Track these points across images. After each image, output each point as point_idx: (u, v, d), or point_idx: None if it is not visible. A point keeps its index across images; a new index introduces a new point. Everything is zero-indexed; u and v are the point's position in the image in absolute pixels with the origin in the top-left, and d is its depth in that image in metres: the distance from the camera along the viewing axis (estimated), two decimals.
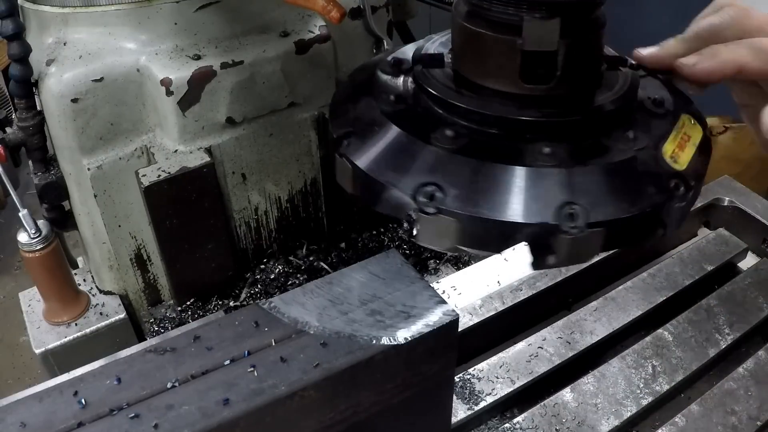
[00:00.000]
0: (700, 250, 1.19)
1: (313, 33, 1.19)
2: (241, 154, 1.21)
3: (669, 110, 0.58)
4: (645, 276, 1.14)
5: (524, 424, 0.90)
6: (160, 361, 0.58)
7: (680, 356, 0.99)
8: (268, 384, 0.56)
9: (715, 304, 1.07)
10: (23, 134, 1.12)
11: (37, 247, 1.15)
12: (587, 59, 0.57)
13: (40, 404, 0.55)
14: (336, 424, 0.61)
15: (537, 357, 0.99)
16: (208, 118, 1.14)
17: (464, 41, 0.58)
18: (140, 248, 1.24)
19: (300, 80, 1.20)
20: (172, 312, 1.26)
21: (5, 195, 1.28)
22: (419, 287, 0.65)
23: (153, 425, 0.53)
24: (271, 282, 1.31)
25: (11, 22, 1.02)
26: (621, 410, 0.91)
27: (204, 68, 1.10)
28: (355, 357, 0.58)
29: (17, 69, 1.05)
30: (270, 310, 0.63)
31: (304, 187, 1.33)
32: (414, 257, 1.41)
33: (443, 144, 0.53)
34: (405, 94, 0.61)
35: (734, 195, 1.26)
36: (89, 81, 1.06)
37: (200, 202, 1.15)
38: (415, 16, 1.51)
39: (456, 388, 0.94)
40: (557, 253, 0.49)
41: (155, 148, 1.15)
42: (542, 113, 0.54)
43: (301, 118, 1.24)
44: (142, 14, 1.08)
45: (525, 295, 1.09)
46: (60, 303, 1.24)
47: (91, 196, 1.15)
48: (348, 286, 0.65)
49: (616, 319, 1.06)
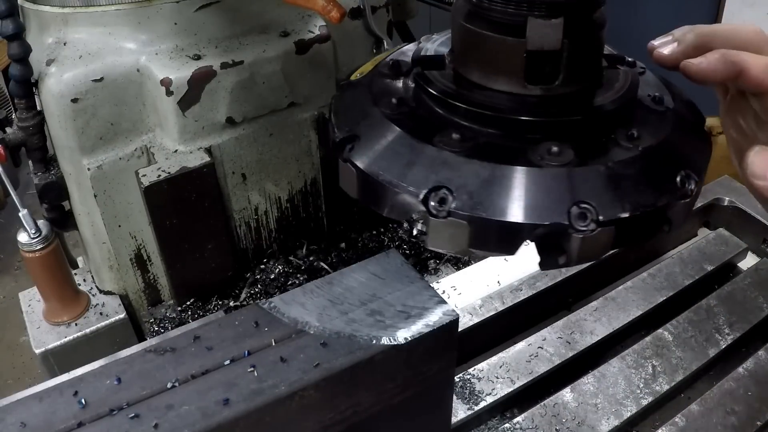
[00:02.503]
0: (700, 250, 1.19)
1: (313, 33, 1.19)
2: (241, 154, 1.21)
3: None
4: (645, 276, 1.14)
5: (524, 424, 0.90)
6: (160, 361, 0.58)
7: (680, 356, 0.99)
8: (268, 384, 0.56)
9: (715, 304, 1.07)
10: (23, 134, 1.12)
11: (37, 247, 1.15)
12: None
13: (40, 404, 0.55)
14: (336, 424, 0.61)
15: (537, 357, 0.99)
16: (208, 118, 1.14)
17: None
18: (140, 248, 1.24)
19: (300, 80, 1.20)
20: (172, 312, 1.26)
21: (5, 195, 1.28)
22: (419, 287, 0.65)
23: (153, 425, 0.53)
24: (271, 282, 1.31)
25: (11, 22, 1.02)
26: (621, 410, 0.91)
27: (204, 68, 1.10)
28: (355, 357, 0.58)
29: (17, 69, 1.05)
30: (270, 310, 0.63)
31: (304, 187, 1.33)
32: (414, 257, 1.41)
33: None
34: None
35: (734, 195, 1.26)
36: (89, 81, 1.06)
37: (200, 202, 1.15)
38: (415, 16, 1.51)
39: (456, 388, 0.94)
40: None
41: (155, 148, 1.15)
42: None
43: (301, 118, 1.24)
44: (142, 14, 1.08)
45: (525, 295, 1.09)
46: (60, 303, 1.24)
47: (91, 196, 1.15)
48: (348, 286, 0.65)
49: (616, 319, 1.06)
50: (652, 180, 0.52)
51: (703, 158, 0.57)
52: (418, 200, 0.51)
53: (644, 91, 0.60)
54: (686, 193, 0.52)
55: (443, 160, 0.52)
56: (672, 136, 0.56)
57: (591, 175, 0.51)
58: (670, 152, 0.54)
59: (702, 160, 0.56)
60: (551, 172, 0.51)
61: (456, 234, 0.51)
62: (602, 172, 0.51)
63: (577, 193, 0.50)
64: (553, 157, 0.51)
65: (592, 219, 0.49)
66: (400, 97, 0.60)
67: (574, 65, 0.54)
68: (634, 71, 0.61)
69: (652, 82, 0.63)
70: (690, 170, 0.53)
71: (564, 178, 0.50)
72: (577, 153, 0.52)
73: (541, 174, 0.51)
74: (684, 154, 0.55)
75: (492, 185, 0.51)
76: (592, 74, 0.58)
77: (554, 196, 0.50)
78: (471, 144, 0.53)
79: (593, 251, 0.50)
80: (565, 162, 0.51)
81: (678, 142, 0.56)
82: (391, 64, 0.64)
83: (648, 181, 0.52)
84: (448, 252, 0.53)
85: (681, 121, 0.58)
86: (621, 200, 0.50)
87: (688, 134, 0.58)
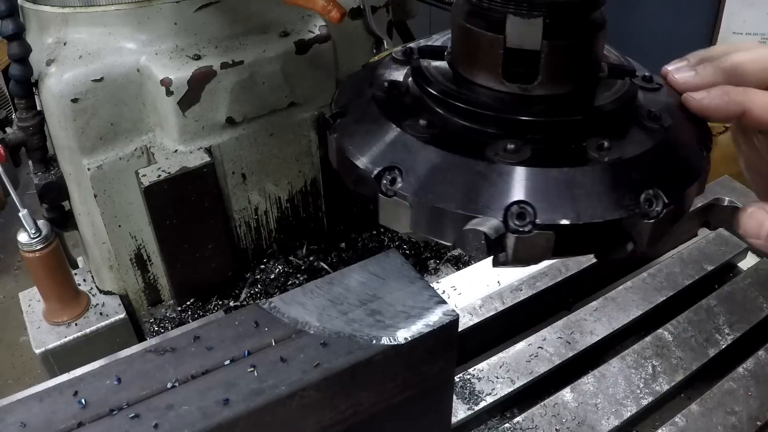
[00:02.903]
0: (700, 250, 1.19)
1: (313, 33, 1.19)
2: (241, 154, 1.21)
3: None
4: (645, 276, 1.14)
5: (524, 424, 0.90)
6: (160, 361, 0.58)
7: (680, 356, 0.99)
8: (268, 384, 0.56)
9: (715, 304, 1.07)
10: (23, 134, 1.12)
11: (37, 247, 1.15)
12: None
13: (40, 404, 0.55)
14: (336, 424, 0.61)
15: (537, 357, 0.99)
16: (208, 118, 1.14)
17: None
18: (140, 248, 1.24)
19: (300, 80, 1.20)
20: (172, 312, 1.26)
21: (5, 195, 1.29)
22: (419, 287, 0.65)
23: (153, 425, 0.53)
24: (271, 282, 1.31)
25: (11, 22, 1.02)
26: (621, 410, 0.91)
27: (204, 68, 1.10)
28: (355, 357, 0.58)
29: (17, 69, 1.05)
30: (270, 310, 0.63)
31: (304, 187, 1.33)
32: (414, 257, 1.41)
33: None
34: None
35: (734, 195, 1.26)
36: (89, 81, 1.06)
37: (200, 202, 1.15)
38: (415, 16, 1.51)
39: (456, 388, 0.94)
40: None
41: (155, 148, 1.15)
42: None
43: (301, 118, 1.24)
44: (142, 14, 1.08)
45: (525, 295, 1.09)
46: (60, 303, 1.24)
47: (91, 196, 1.15)
48: (348, 286, 0.65)
49: (616, 319, 1.06)
50: (609, 193, 0.51)
51: (686, 182, 0.54)
52: (373, 177, 0.54)
53: (647, 105, 0.59)
54: (651, 213, 0.51)
55: (404, 143, 0.55)
56: (650, 154, 0.54)
57: (539, 177, 0.51)
58: (641, 169, 0.52)
59: (684, 183, 0.54)
60: (500, 168, 0.51)
61: (400, 213, 0.53)
62: (552, 176, 0.51)
63: (521, 192, 0.50)
64: (508, 154, 0.51)
65: (530, 220, 0.49)
66: (392, 81, 0.61)
67: (554, 68, 0.54)
68: (633, 85, 0.60)
69: (661, 101, 0.61)
70: (663, 191, 0.52)
71: (512, 175, 0.51)
72: (537, 154, 0.52)
73: (489, 168, 0.51)
74: (661, 174, 0.53)
75: (441, 172, 0.52)
76: (577, 78, 0.57)
77: (498, 192, 0.50)
78: (436, 131, 0.55)
79: (530, 253, 0.50)
80: (519, 161, 0.51)
81: (657, 161, 0.54)
82: (404, 51, 0.65)
83: (603, 193, 0.51)
84: (396, 229, 0.55)
85: (671, 140, 0.57)
86: (565, 207, 0.50)
87: (674, 156, 0.56)
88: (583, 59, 0.57)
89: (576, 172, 0.51)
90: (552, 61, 0.53)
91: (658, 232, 0.52)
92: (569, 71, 0.56)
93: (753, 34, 2.34)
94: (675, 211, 0.52)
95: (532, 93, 0.55)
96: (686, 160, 0.57)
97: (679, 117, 0.59)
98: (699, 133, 0.59)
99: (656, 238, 0.52)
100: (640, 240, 0.52)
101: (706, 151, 0.59)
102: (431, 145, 0.53)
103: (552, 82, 0.55)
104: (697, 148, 0.58)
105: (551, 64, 0.53)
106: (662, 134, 0.56)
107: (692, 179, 0.55)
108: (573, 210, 0.49)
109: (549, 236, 0.49)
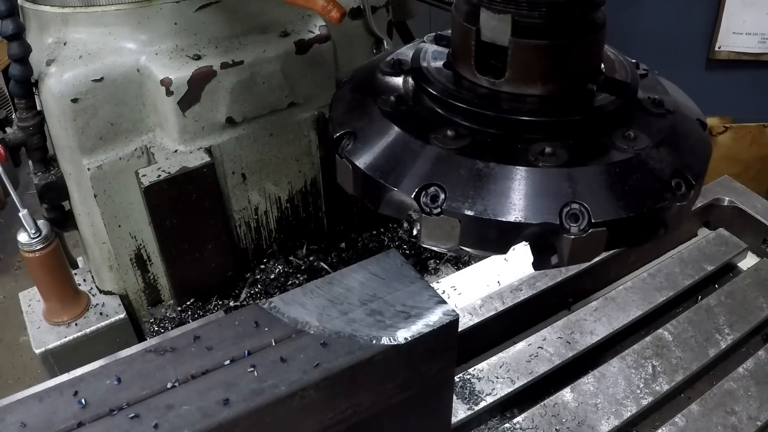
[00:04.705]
0: (700, 250, 1.19)
1: (313, 33, 1.19)
2: (241, 154, 1.21)
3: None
4: (645, 276, 1.14)
5: (524, 424, 0.90)
6: (160, 361, 0.58)
7: (680, 356, 0.99)
8: (268, 384, 0.56)
9: (715, 304, 1.07)
10: (23, 134, 1.12)
11: (37, 247, 1.15)
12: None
13: (40, 404, 0.55)
14: (336, 424, 0.61)
15: (537, 357, 0.99)
16: (208, 118, 1.14)
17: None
18: (140, 248, 1.24)
19: (300, 80, 1.20)
20: (172, 312, 1.26)
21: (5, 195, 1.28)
22: (419, 287, 0.65)
23: (153, 425, 0.53)
24: (271, 282, 1.31)
25: (11, 22, 1.02)
26: (621, 410, 0.91)
27: (204, 68, 1.10)
28: (355, 357, 0.58)
29: (17, 69, 1.05)
30: (270, 310, 0.63)
31: (304, 187, 1.33)
32: (414, 257, 1.41)
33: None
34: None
35: (734, 195, 1.26)
36: (89, 81, 1.06)
37: (200, 202, 1.15)
38: (415, 16, 1.51)
39: (456, 388, 0.94)
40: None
41: (155, 148, 1.15)
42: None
43: (301, 118, 1.24)
44: (142, 14, 1.08)
45: (525, 295, 1.09)
46: (60, 303, 1.24)
47: (91, 196, 1.15)
48: (348, 286, 0.65)
49: (616, 319, 1.06)
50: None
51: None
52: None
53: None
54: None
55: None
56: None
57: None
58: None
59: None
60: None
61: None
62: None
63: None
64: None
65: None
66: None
67: (520, 65, 0.54)
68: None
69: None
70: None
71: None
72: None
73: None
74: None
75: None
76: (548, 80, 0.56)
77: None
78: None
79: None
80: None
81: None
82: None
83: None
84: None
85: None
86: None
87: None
88: (556, 62, 0.55)
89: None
90: (518, 58, 0.53)
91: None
92: (538, 71, 0.55)
93: (753, 34, 2.34)
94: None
95: (500, 89, 0.55)
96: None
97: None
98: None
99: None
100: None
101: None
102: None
103: (518, 80, 0.54)
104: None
105: (517, 62, 0.53)
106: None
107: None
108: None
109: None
